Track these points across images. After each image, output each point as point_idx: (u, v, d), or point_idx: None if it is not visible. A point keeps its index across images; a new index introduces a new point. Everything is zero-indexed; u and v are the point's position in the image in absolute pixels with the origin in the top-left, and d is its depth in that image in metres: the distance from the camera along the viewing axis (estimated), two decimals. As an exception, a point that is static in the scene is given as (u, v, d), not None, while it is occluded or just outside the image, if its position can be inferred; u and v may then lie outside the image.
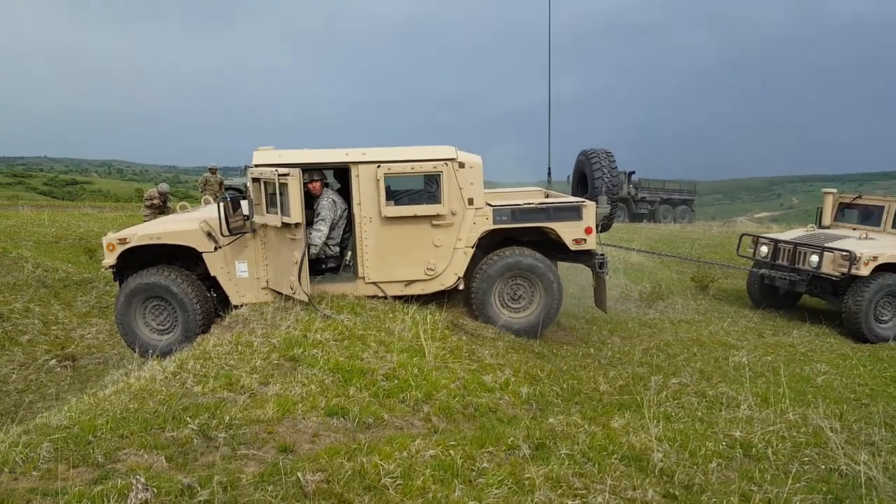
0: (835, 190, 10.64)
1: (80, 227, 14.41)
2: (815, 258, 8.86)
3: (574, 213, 6.91)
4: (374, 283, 6.73)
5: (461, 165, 6.65)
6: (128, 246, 6.43)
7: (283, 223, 6.09)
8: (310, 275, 6.27)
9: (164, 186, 14.35)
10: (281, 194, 6.03)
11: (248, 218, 6.41)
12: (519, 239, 7.09)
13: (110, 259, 6.48)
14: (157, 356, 5.90)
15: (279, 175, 6.02)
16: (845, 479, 4.14)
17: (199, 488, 3.22)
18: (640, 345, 7.53)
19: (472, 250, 6.82)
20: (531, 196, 8.05)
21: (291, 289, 6.24)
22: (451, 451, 3.92)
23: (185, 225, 6.62)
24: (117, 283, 6.84)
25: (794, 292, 9.67)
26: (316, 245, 6.49)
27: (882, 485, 4.07)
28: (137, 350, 6.56)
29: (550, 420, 4.67)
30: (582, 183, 7.98)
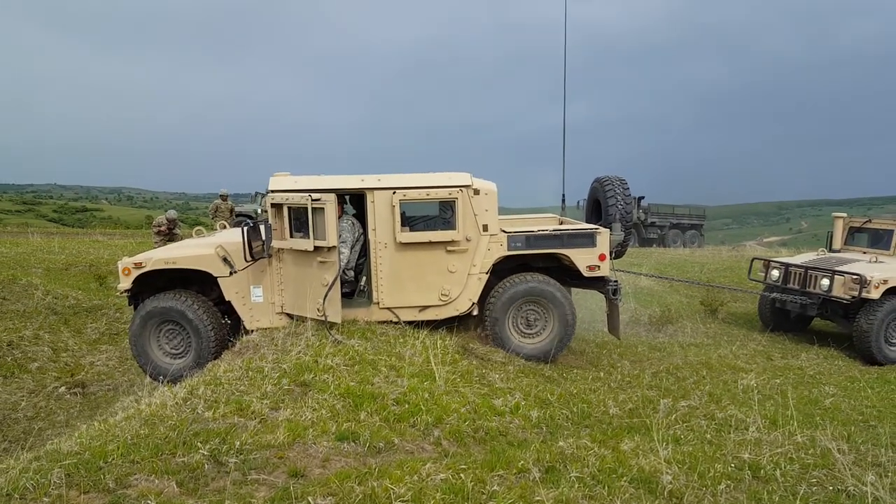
0: (845, 214, 10.72)
1: (90, 254, 14.56)
2: (825, 282, 8.92)
3: (588, 239, 6.97)
4: (388, 308, 6.78)
5: (476, 192, 6.74)
6: (144, 270, 6.53)
7: (315, 247, 6.20)
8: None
9: (171, 213, 14.49)
10: (314, 218, 6.16)
11: (265, 243, 6.49)
12: (533, 265, 7.15)
13: (126, 283, 6.58)
14: (168, 382, 5.96)
15: (313, 200, 6.15)
16: (853, 500, 4.13)
17: (211, 512, 3.26)
18: (649, 368, 7.53)
19: (487, 276, 6.88)
20: (545, 223, 8.15)
21: (318, 311, 6.32)
22: (461, 475, 3.94)
23: (201, 250, 6.72)
24: (132, 307, 6.93)
25: (806, 315, 9.68)
26: (339, 267, 6.59)
27: (890, 506, 4.06)
28: (149, 373, 6.63)
29: (560, 443, 4.68)
30: (595, 210, 8.06)
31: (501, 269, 7.01)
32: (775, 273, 9.80)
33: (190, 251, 6.79)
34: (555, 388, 6.15)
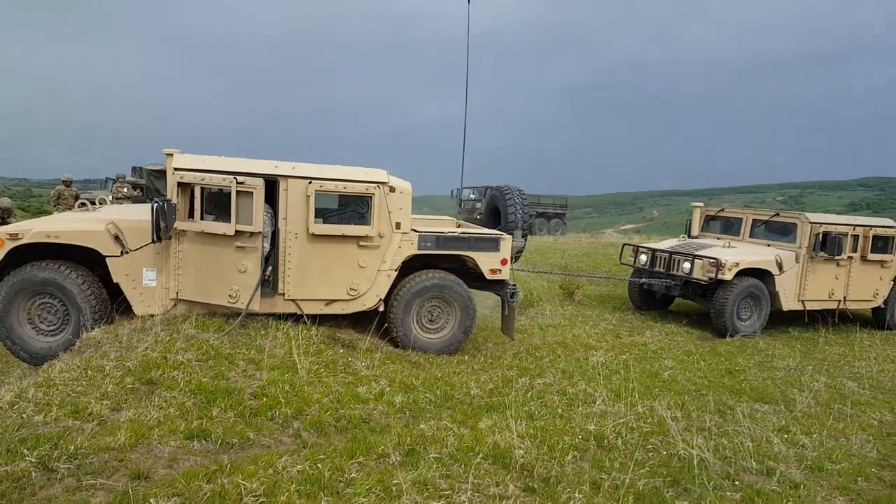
0: (701, 204, 11.88)
1: None
2: (687, 265, 9.81)
3: (493, 244, 7.28)
4: (293, 300, 6.61)
5: (392, 190, 6.80)
6: (19, 242, 5.87)
7: (236, 231, 6.01)
8: None
9: (4, 201, 13.23)
10: (239, 202, 6.00)
11: (167, 224, 5.98)
12: (437, 265, 7.30)
13: None
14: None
15: (238, 182, 5.97)
16: (682, 462, 4.58)
17: (34, 524, 2.98)
18: (511, 349, 7.86)
19: (396, 273, 6.94)
20: (443, 225, 8.38)
21: (230, 298, 6.09)
22: (318, 465, 3.90)
23: (90, 225, 6.15)
24: None
25: (669, 296, 10.74)
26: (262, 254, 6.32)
27: (712, 464, 4.55)
28: (18, 355, 6.06)
29: (422, 426, 4.77)
30: (493, 216, 8.38)
31: (405, 268, 7.11)
32: (643, 258, 10.66)
33: (77, 225, 6.16)
34: (420, 373, 6.25)
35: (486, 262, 7.26)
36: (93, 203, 7.21)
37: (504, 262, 7.32)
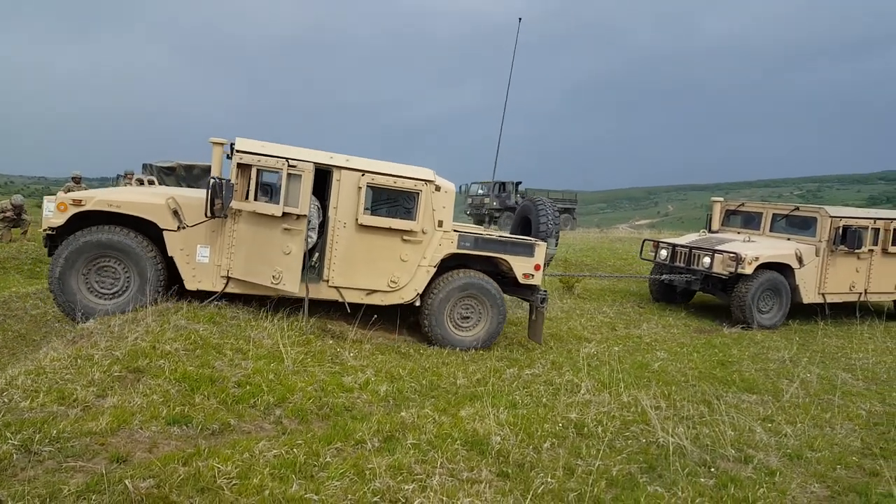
0: (722, 199, 11.90)
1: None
2: (707, 260, 9.86)
3: (528, 249, 7.48)
4: (336, 287, 6.84)
5: (437, 188, 7.04)
6: (82, 209, 6.17)
7: (284, 213, 6.24)
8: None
9: (17, 198, 13.59)
10: (289, 184, 6.23)
11: (224, 202, 6.23)
12: (470, 266, 7.47)
13: (59, 219, 6.18)
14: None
15: (290, 165, 6.21)
16: (661, 450, 4.61)
17: (10, 502, 3.09)
18: (503, 341, 7.90)
19: (434, 270, 7.14)
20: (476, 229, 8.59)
21: (274, 279, 6.33)
22: (294, 450, 3.99)
23: (151, 198, 6.43)
24: (49, 248, 6.54)
25: (690, 290, 10.78)
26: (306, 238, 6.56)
27: (690, 452, 4.57)
28: (76, 316, 6.28)
29: (402, 413, 4.84)
30: (523, 225, 8.64)
31: (440, 266, 7.28)
32: (664, 252, 10.70)
33: (138, 197, 6.45)
34: (407, 363, 6.31)
35: (521, 266, 7.43)
36: (151, 182, 7.54)
37: (538, 267, 7.50)
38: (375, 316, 7.16)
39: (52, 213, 6.25)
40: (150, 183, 7.57)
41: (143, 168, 18.03)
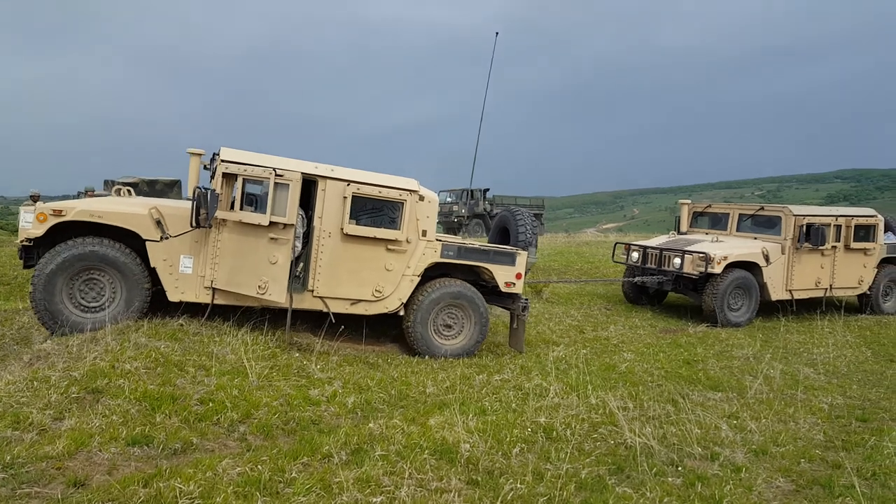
0: (689, 201, 12.13)
1: None
2: (677, 260, 10.04)
3: (510, 258, 7.56)
4: (321, 297, 6.79)
5: (421, 198, 7.06)
6: (63, 219, 6.01)
7: (271, 222, 6.23)
8: None
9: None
10: (276, 194, 6.22)
11: (209, 212, 6.15)
12: (452, 275, 7.49)
13: (38, 230, 6.00)
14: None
15: (277, 174, 6.19)
16: (629, 451, 4.64)
17: (-41, 535, 2.96)
18: (472, 349, 7.87)
19: (418, 279, 7.13)
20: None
21: (260, 289, 6.31)
22: (259, 466, 3.91)
23: (133, 208, 6.29)
24: (23, 260, 6.40)
25: (662, 291, 11.00)
26: (293, 248, 6.50)
27: (657, 452, 4.62)
28: (56, 331, 6.08)
29: (371, 425, 4.78)
30: (502, 235, 8.65)
31: (424, 275, 7.26)
32: (635, 255, 10.87)
33: (120, 207, 6.30)
34: (375, 374, 6.26)
35: (503, 275, 7.50)
36: (129, 192, 7.39)
37: (519, 276, 7.58)
38: (343, 327, 7.10)
39: (31, 223, 6.10)
40: (129, 193, 7.41)
41: (104, 184, 17.61)
